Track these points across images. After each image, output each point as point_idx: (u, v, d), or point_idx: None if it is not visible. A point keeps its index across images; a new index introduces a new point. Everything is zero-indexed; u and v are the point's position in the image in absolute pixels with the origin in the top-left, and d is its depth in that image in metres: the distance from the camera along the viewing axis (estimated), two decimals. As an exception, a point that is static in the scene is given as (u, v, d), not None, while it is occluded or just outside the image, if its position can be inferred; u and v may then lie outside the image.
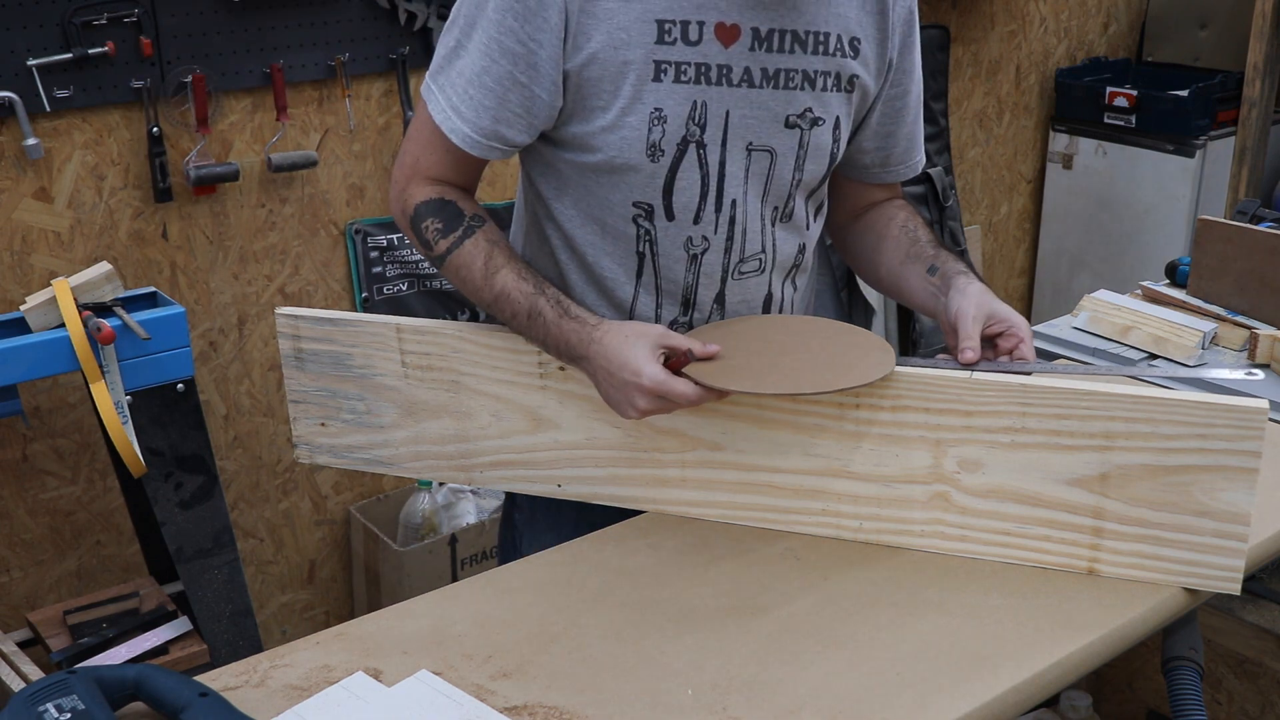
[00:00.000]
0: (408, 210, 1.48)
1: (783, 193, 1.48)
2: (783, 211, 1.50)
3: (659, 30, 1.36)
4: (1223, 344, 2.11)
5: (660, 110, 1.38)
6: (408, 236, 1.51)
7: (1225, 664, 2.09)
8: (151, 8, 2.29)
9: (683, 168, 1.42)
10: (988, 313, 1.40)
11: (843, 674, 1.18)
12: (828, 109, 1.45)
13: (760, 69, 1.40)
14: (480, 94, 1.38)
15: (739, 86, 1.40)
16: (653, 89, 1.37)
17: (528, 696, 1.16)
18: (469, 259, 1.44)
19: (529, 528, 1.64)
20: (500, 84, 1.37)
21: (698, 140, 1.41)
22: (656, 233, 1.45)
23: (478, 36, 1.38)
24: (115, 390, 2.07)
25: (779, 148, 1.45)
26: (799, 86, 1.43)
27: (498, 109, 1.39)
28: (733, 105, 1.41)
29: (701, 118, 1.40)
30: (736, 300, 1.51)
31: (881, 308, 3.49)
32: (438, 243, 1.45)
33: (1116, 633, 1.26)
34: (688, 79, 1.38)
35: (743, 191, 1.45)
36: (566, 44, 1.36)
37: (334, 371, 1.58)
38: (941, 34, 3.48)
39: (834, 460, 1.40)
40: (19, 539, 2.42)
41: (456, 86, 1.40)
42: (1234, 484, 1.26)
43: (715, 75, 1.39)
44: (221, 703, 1.10)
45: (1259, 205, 2.47)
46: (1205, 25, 3.86)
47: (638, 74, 1.37)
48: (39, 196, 2.29)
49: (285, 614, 2.85)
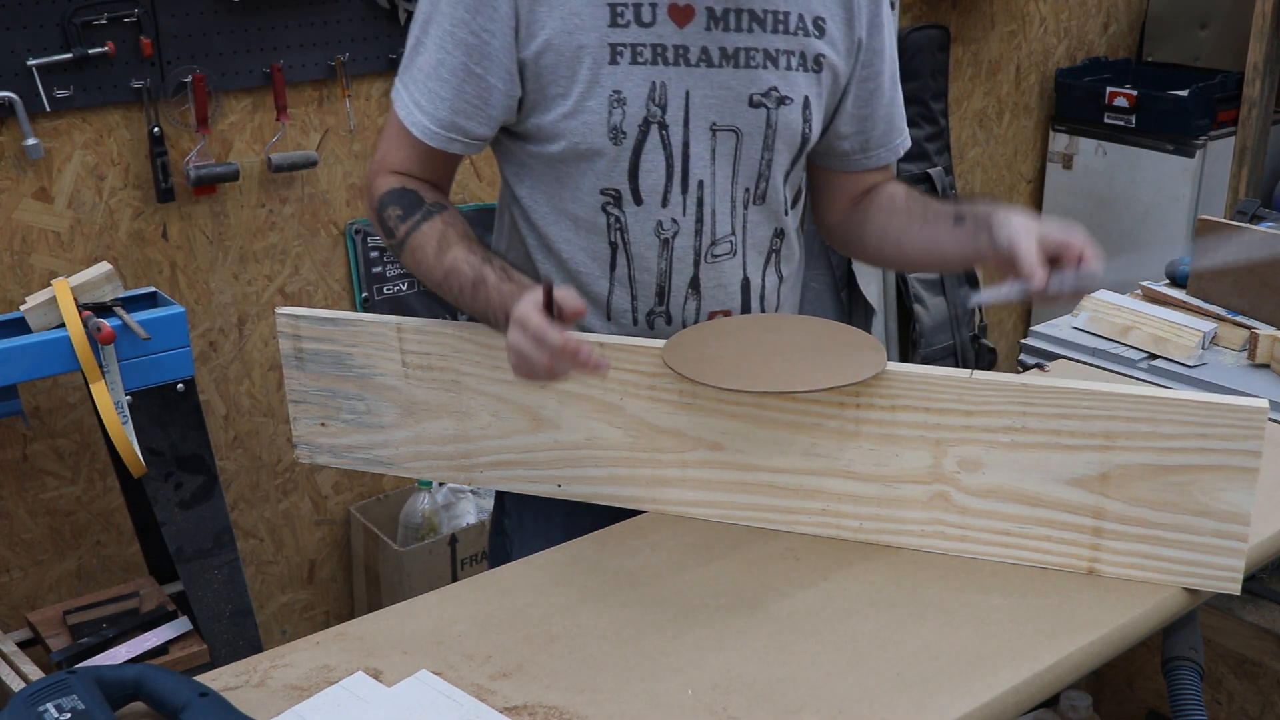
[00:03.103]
0: (374, 201, 1.49)
1: (753, 173, 1.48)
2: (755, 193, 1.49)
3: (612, 13, 1.38)
4: (1223, 344, 2.11)
5: (619, 92, 1.39)
6: (376, 231, 1.52)
7: (1225, 664, 2.09)
8: (151, 8, 2.29)
9: (646, 149, 1.42)
10: (1040, 233, 1.33)
11: (843, 674, 1.18)
12: (794, 88, 1.45)
13: (718, 48, 1.41)
14: (437, 86, 1.41)
15: (697, 66, 1.41)
16: (610, 71, 1.38)
17: (528, 696, 1.16)
18: (424, 240, 1.45)
19: (518, 534, 1.64)
20: (455, 75, 1.40)
21: (659, 121, 1.41)
22: (626, 219, 1.46)
23: (433, 31, 1.40)
24: (115, 390, 2.07)
25: (744, 127, 1.45)
26: (761, 65, 1.43)
27: (454, 100, 1.41)
28: (692, 85, 1.41)
29: (661, 98, 1.40)
30: (712, 285, 1.50)
31: (881, 308, 3.49)
32: (398, 228, 1.46)
33: (1116, 633, 1.26)
34: (644, 60, 1.39)
35: (710, 173, 1.45)
36: (519, 32, 1.38)
37: (334, 371, 1.58)
38: (941, 34, 3.48)
39: (834, 460, 1.40)
40: (19, 539, 2.42)
41: (417, 81, 1.43)
42: (1234, 484, 1.26)
43: (672, 55, 1.40)
44: (221, 703, 1.10)
45: (1259, 205, 2.47)
46: (1205, 25, 3.86)
47: (593, 58, 1.38)
48: (39, 196, 2.29)
49: (285, 614, 2.85)
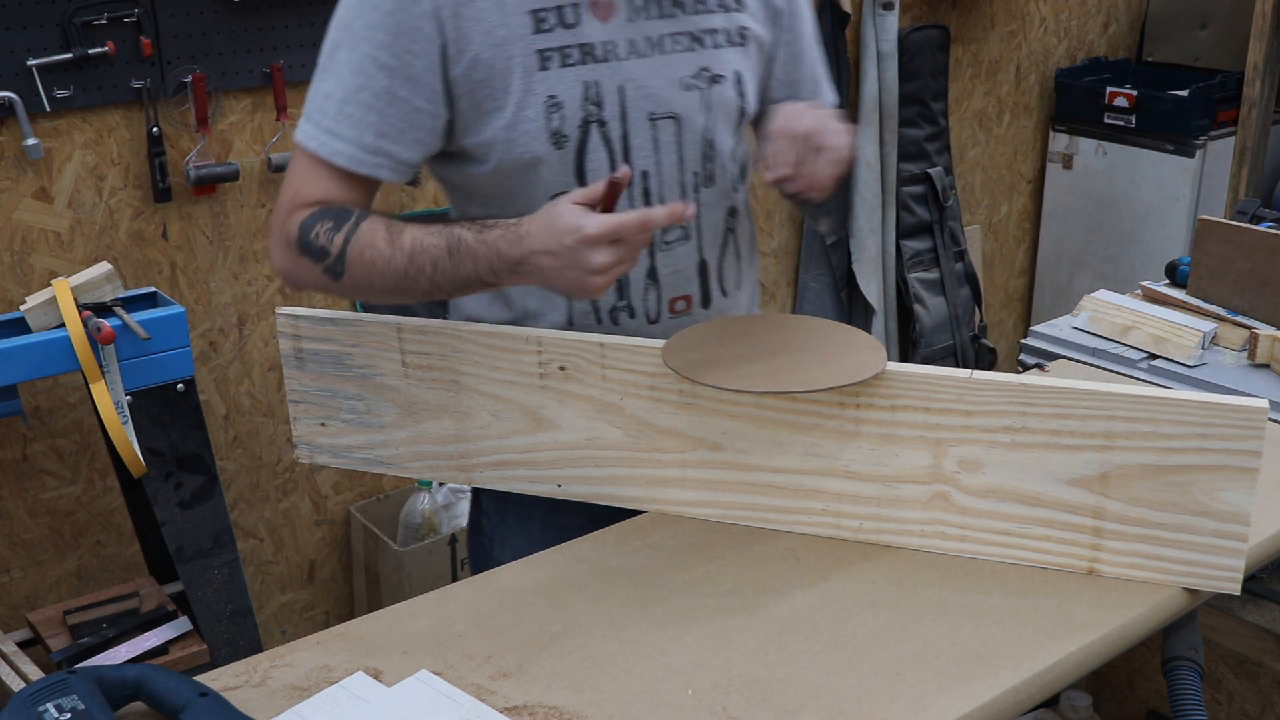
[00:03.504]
0: (292, 235, 1.40)
1: (698, 155, 1.49)
2: (704, 175, 1.50)
3: (535, 20, 1.38)
4: (1223, 344, 2.11)
5: (554, 97, 1.39)
6: (298, 275, 1.42)
7: (1225, 664, 2.09)
8: (151, 8, 2.29)
9: (589, 149, 1.42)
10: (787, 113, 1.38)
11: (843, 674, 1.18)
12: (725, 65, 1.47)
13: (644, 38, 1.42)
14: (358, 111, 1.38)
15: (627, 60, 1.42)
16: (541, 78, 1.38)
17: (528, 696, 1.16)
18: (369, 237, 1.37)
19: (498, 533, 1.64)
20: (379, 100, 1.37)
21: (597, 119, 1.42)
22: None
23: (345, 57, 1.37)
24: (115, 390, 2.07)
25: (682, 112, 1.46)
26: (687, 48, 1.45)
27: (378, 124, 1.38)
28: (625, 79, 1.42)
29: (596, 96, 1.41)
30: (669, 271, 1.51)
31: (881, 308, 3.49)
32: (333, 240, 1.37)
33: (1116, 633, 1.26)
34: (574, 62, 1.40)
35: (654, 162, 1.46)
36: (447, 51, 1.37)
37: (334, 371, 1.58)
38: (941, 34, 3.48)
39: (834, 460, 1.40)
40: (19, 539, 2.42)
41: (330, 112, 1.39)
42: (1234, 484, 1.26)
43: (601, 53, 1.40)
44: (221, 703, 1.10)
45: (1259, 205, 2.47)
46: (1205, 25, 3.86)
47: (524, 67, 1.38)
48: (39, 196, 2.29)
49: (285, 614, 2.85)
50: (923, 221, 3.54)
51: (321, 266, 1.39)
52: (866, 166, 3.37)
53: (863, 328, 3.39)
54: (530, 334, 1.47)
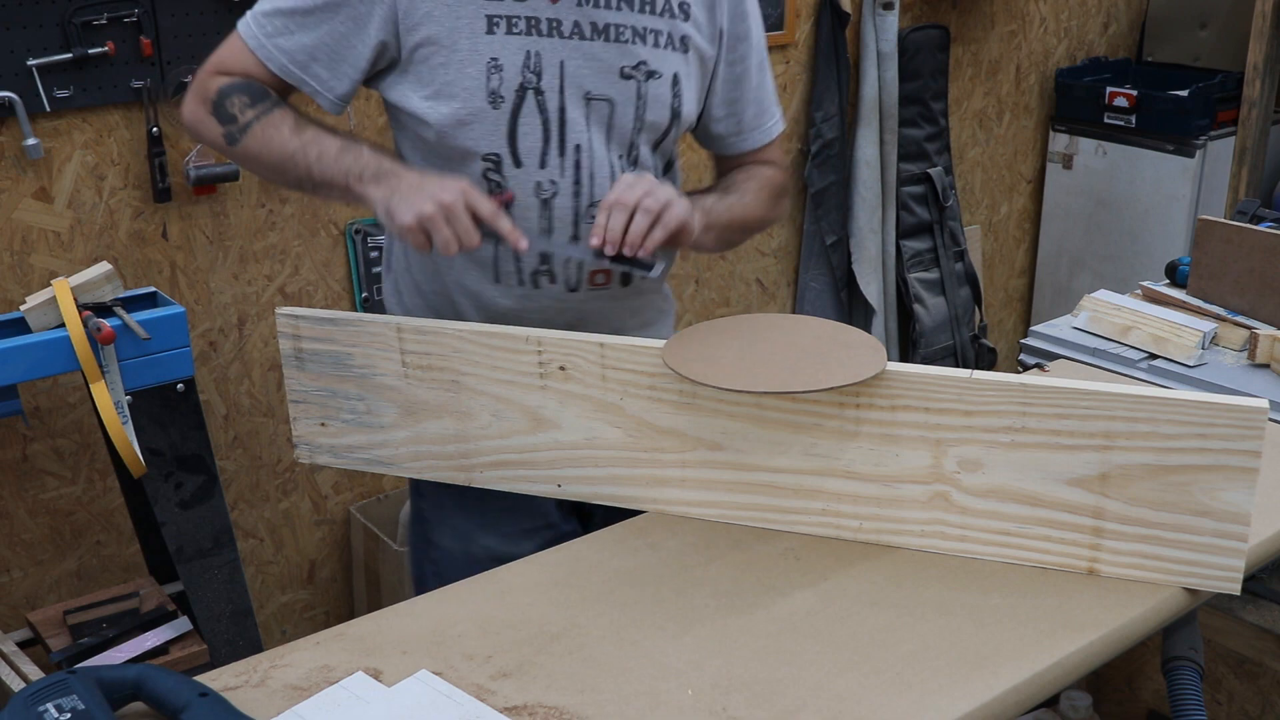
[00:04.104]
0: (209, 94, 1.52)
1: (625, 140, 1.56)
2: (629, 160, 1.57)
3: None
4: (1223, 344, 2.11)
5: (496, 60, 1.48)
6: (201, 130, 1.54)
7: (1225, 664, 2.09)
8: (151, 8, 2.29)
9: (523, 114, 1.50)
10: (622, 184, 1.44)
11: (843, 674, 1.18)
12: (664, 64, 1.54)
13: (590, 23, 1.50)
14: (301, 31, 1.49)
15: (570, 39, 1.50)
16: (487, 41, 1.48)
17: (528, 696, 1.16)
18: (278, 120, 1.50)
19: (435, 513, 1.68)
20: (322, 26, 1.48)
21: (535, 87, 1.50)
22: (507, 183, 1.52)
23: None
24: (115, 390, 2.07)
25: (616, 97, 1.53)
26: (630, 41, 1.52)
27: (314, 48, 1.50)
28: (566, 56, 1.50)
29: (537, 66, 1.49)
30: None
31: (881, 308, 3.49)
32: (245, 113, 1.50)
33: (1116, 633, 1.26)
34: (519, 31, 1.48)
35: (587, 138, 1.53)
36: (399, 6, 1.46)
37: (334, 371, 1.58)
38: (941, 34, 3.48)
39: (834, 460, 1.40)
40: (19, 539, 2.42)
41: (276, 19, 1.50)
42: (1234, 484, 1.26)
43: (546, 28, 1.49)
44: (221, 703, 1.10)
45: (1259, 205, 2.47)
46: (1205, 25, 3.86)
47: (471, 28, 1.47)
48: (39, 196, 2.29)
49: (285, 614, 2.85)
50: (923, 221, 3.55)
51: (224, 130, 1.52)
52: (866, 166, 3.37)
53: (863, 328, 3.39)
54: (530, 334, 1.47)
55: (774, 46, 3.19)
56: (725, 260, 3.31)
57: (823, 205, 3.35)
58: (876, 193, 3.40)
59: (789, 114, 3.31)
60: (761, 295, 3.44)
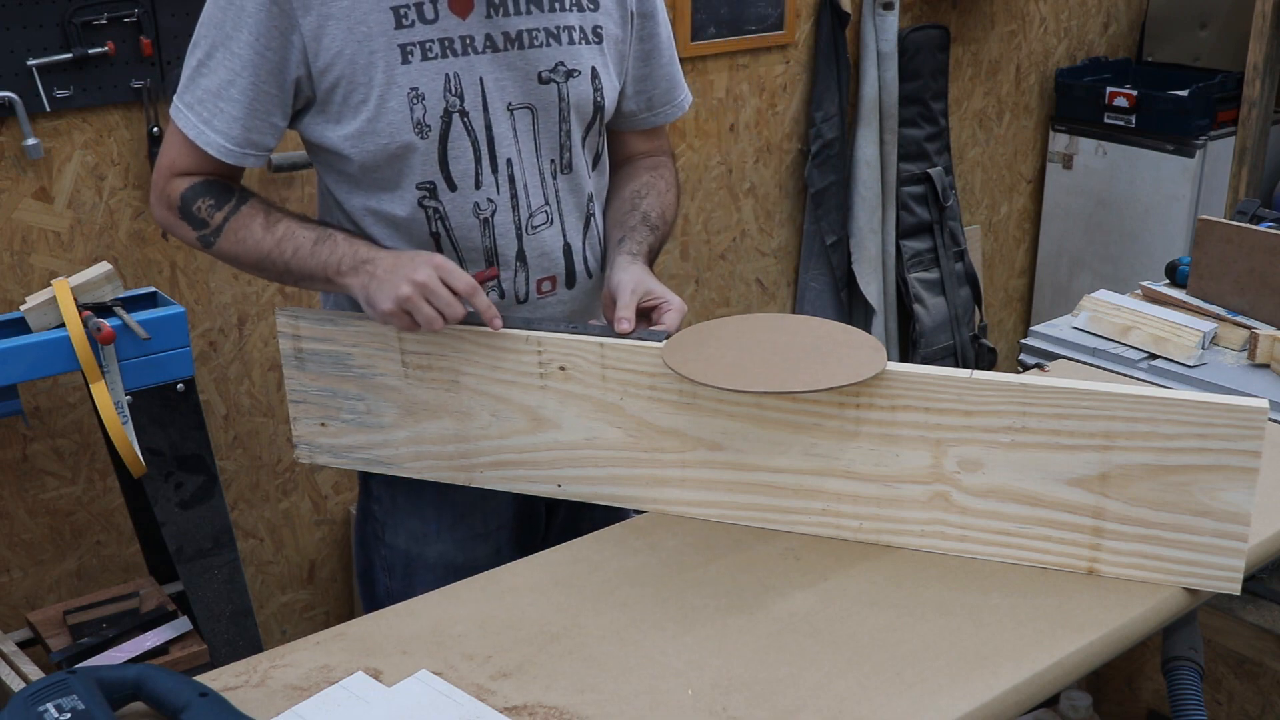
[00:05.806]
0: (173, 201, 1.52)
1: (554, 144, 1.56)
2: (560, 163, 1.57)
3: (395, 16, 1.45)
4: (1223, 344, 2.11)
5: (416, 89, 1.46)
6: (175, 231, 1.55)
7: (1225, 664, 2.09)
8: (151, 8, 2.29)
9: (452, 138, 1.49)
10: (645, 290, 1.49)
11: (843, 674, 1.18)
12: (580, 60, 1.54)
13: (501, 34, 1.49)
14: (228, 107, 1.46)
15: (484, 53, 1.49)
16: (404, 70, 1.45)
17: (528, 696, 1.16)
18: (247, 219, 1.50)
19: (390, 516, 1.68)
20: (245, 95, 1.46)
21: (459, 110, 1.48)
22: (445, 207, 1.52)
23: (219, 55, 1.46)
24: (115, 390, 2.07)
25: (538, 104, 1.53)
26: (544, 44, 1.51)
27: (246, 119, 1.47)
28: (484, 71, 1.49)
29: (457, 88, 1.48)
30: (536, 254, 1.57)
31: (881, 308, 3.49)
32: (214, 216, 1.51)
33: (1116, 633, 1.26)
34: (434, 55, 1.47)
35: (516, 150, 1.53)
36: (309, 49, 1.44)
37: (334, 371, 1.58)
38: (941, 34, 3.48)
39: (834, 460, 1.40)
40: (19, 539, 2.42)
41: (205, 103, 1.48)
42: (1234, 484, 1.26)
43: (460, 47, 1.47)
44: (221, 703, 1.10)
45: (1259, 205, 2.47)
46: (1205, 25, 3.86)
47: (385, 61, 1.45)
48: (39, 196, 2.29)
49: (285, 614, 2.85)
50: (923, 221, 3.55)
51: (198, 234, 1.53)
52: (866, 166, 3.37)
53: (863, 328, 3.39)
54: (530, 334, 1.47)
55: (774, 46, 3.19)
56: (725, 260, 3.31)
57: (823, 205, 3.35)
58: (876, 193, 3.40)
59: (789, 114, 3.31)
60: (761, 295, 3.44)
